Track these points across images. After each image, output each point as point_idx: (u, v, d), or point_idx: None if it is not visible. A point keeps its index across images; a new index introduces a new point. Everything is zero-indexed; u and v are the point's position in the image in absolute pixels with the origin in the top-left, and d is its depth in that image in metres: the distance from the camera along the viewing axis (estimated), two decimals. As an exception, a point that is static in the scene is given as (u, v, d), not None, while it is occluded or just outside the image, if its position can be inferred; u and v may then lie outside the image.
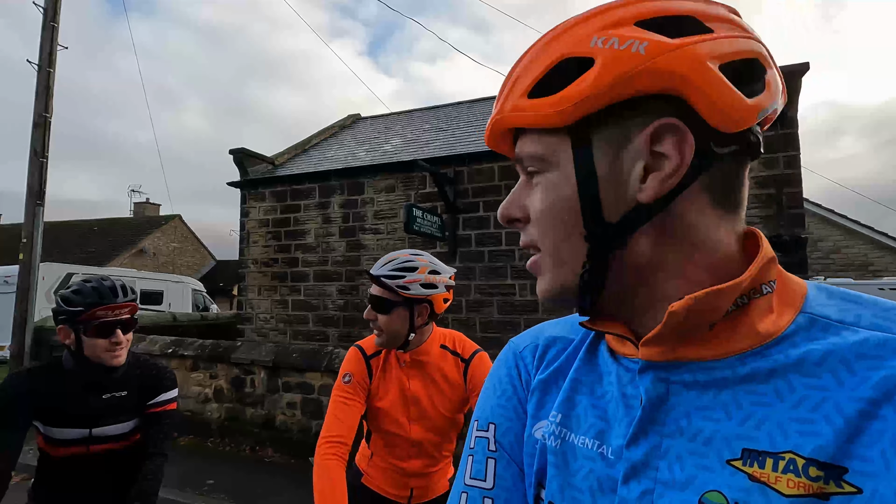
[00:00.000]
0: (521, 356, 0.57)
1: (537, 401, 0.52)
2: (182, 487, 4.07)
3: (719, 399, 0.40)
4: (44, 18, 6.62)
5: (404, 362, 1.58)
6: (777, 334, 0.41)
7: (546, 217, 0.45)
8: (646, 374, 0.43)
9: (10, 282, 8.27)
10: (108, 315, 1.51)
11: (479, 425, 0.55)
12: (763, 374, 0.39)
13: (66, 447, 1.55)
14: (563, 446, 0.48)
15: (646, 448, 0.42)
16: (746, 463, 0.37)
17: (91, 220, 22.39)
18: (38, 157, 6.45)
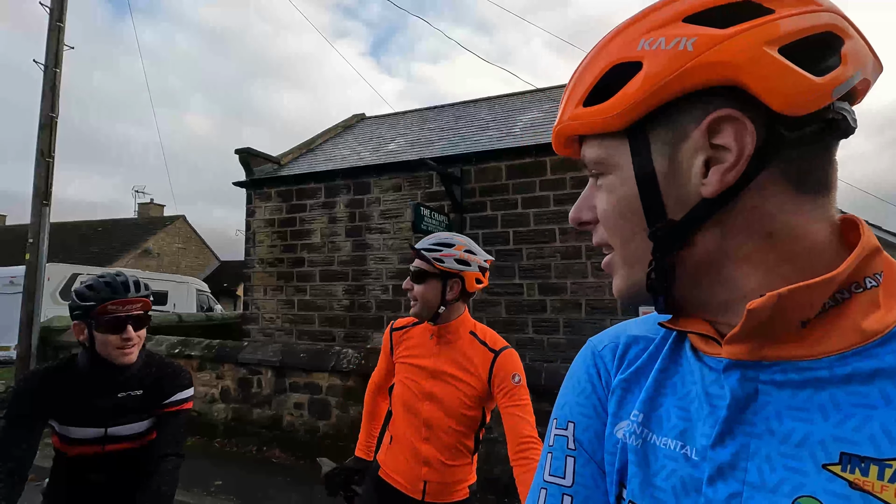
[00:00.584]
0: (600, 355, 0.57)
1: (618, 400, 0.52)
2: (189, 487, 4.05)
3: (815, 400, 0.38)
4: (50, 18, 6.62)
5: (432, 334, 1.66)
6: (885, 332, 0.38)
7: (610, 218, 0.46)
8: (731, 372, 0.41)
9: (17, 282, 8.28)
10: (119, 310, 1.49)
11: (559, 423, 0.55)
12: (866, 374, 0.37)
13: (81, 446, 1.53)
14: (645, 446, 0.47)
15: (733, 449, 0.40)
16: (846, 469, 0.35)
17: (95, 221, 22.48)
18: (44, 158, 6.45)
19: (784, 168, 0.39)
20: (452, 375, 1.60)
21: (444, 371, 1.61)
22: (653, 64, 0.40)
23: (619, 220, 0.45)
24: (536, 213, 6.14)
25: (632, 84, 0.41)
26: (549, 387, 3.76)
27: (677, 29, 0.40)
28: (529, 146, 6.26)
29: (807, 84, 0.37)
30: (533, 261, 6.12)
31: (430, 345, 1.67)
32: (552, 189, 6.10)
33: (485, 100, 9.92)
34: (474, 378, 1.58)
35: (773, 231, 0.40)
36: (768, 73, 0.37)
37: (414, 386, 1.65)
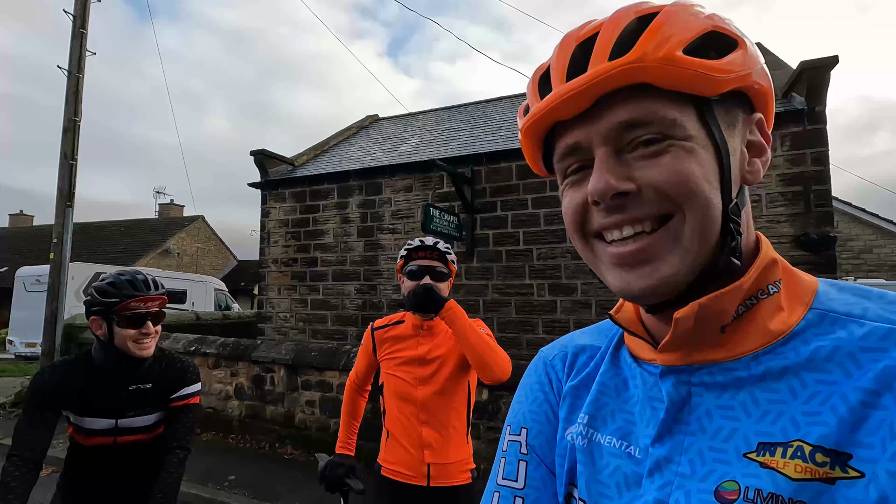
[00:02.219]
0: (551, 364, 0.60)
1: (569, 405, 0.55)
2: (204, 482, 4.16)
3: (738, 398, 0.43)
4: (73, 25, 6.82)
5: (423, 329, 1.80)
6: (788, 331, 0.43)
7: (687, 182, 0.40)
8: (667, 378, 0.46)
9: (42, 281, 8.56)
10: (140, 307, 1.57)
11: (512, 430, 0.59)
12: (777, 371, 0.42)
13: (95, 437, 1.60)
14: (591, 445, 0.51)
15: (670, 445, 0.44)
16: (759, 453, 0.40)
17: (118, 221, 23.03)
18: (67, 160, 6.65)
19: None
20: (440, 358, 1.75)
21: (432, 355, 1.76)
22: (748, 50, 0.43)
23: (703, 182, 0.41)
24: (547, 214, 6.12)
25: (737, 55, 0.42)
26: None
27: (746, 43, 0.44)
28: (540, 146, 6.23)
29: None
30: (543, 261, 6.10)
31: (416, 338, 1.81)
32: (563, 189, 6.06)
33: (498, 100, 9.91)
34: (452, 351, 1.75)
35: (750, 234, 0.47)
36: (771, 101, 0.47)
37: (407, 375, 1.77)
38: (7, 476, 1.39)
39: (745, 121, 0.45)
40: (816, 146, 5.02)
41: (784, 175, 5.11)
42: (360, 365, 1.97)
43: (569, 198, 0.47)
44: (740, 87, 0.43)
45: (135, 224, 22.41)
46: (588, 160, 0.44)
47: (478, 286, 6.45)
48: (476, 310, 6.40)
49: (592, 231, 0.45)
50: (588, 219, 0.45)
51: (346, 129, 10.27)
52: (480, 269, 6.43)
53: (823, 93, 5.01)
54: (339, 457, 1.89)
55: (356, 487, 1.77)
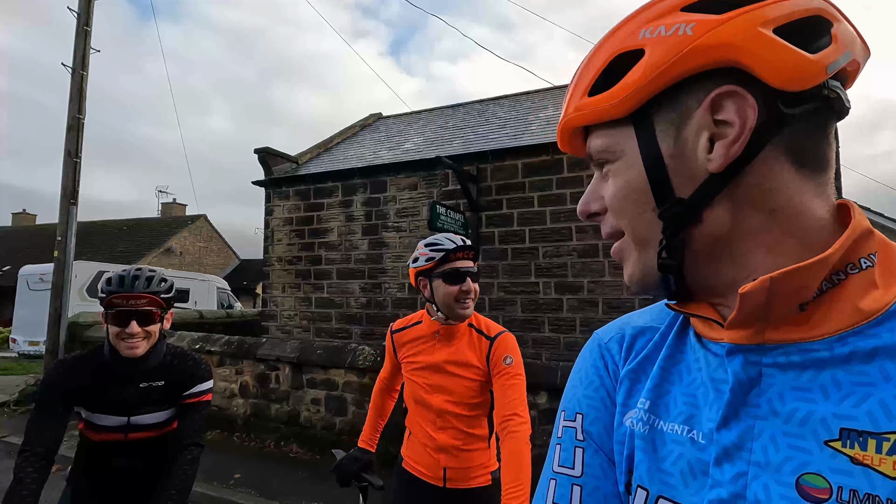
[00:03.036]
0: (606, 347, 0.57)
1: (627, 390, 0.53)
2: (209, 480, 4.14)
3: (817, 380, 0.39)
4: (77, 23, 6.81)
5: (438, 333, 1.72)
6: (883, 310, 0.39)
7: (619, 202, 0.47)
8: (734, 357, 0.42)
9: (47, 279, 8.56)
10: (122, 304, 1.53)
11: (567, 415, 0.56)
12: (866, 353, 0.38)
13: (106, 433, 1.59)
14: (652, 432, 0.48)
15: (738, 431, 0.41)
16: (846, 444, 0.36)
17: (121, 220, 23.08)
18: (71, 159, 6.64)
19: (785, 145, 0.41)
20: (455, 368, 1.67)
21: (447, 365, 1.68)
22: (654, 50, 0.42)
23: (626, 202, 0.46)
24: (553, 212, 6.09)
25: (634, 71, 0.43)
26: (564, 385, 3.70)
27: (676, 17, 0.42)
28: (546, 144, 6.21)
29: (802, 60, 0.38)
30: (549, 259, 6.07)
31: (433, 342, 1.74)
32: (569, 187, 6.04)
33: (502, 98, 9.88)
34: (475, 368, 1.66)
35: (777, 207, 0.41)
36: (765, 52, 0.39)
37: (422, 381, 1.72)
38: (20, 471, 1.39)
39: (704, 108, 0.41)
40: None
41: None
42: (387, 366, 1.95)
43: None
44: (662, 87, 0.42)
45: (137, 223, 22.44)
46: None
47: (483, 284, 6.40)
48: (482, 308, 6.37)
49: None
50: None
51: (350, 128, 10.25)
52: (486, 268, 6.41)
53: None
54: (358, 451, 1.88)
55: (375, 483, 1.77)
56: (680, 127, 0.43)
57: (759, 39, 0.39)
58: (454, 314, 1.67)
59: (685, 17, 0.41)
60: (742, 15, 0.39)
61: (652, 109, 0.43)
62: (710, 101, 0.41)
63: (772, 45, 0.38)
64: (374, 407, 1.98)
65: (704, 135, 0.42)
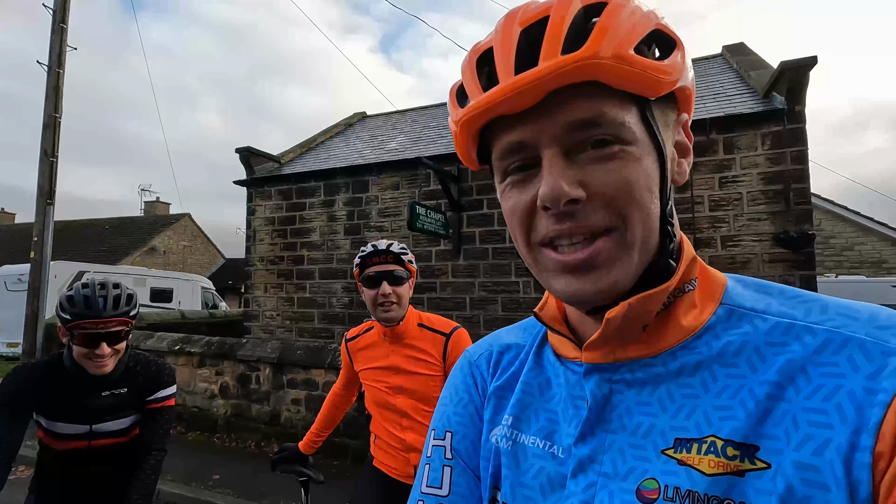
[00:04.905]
0: (475, 364, 0.59)
1: (494, 406, 0.54)
2: (188, 482, 4.13)
3: (655, 394, 0.43)
4: (53, 20, 6.71)
5: (386, 336, 1.73)
6: (700, 327, 0.44)
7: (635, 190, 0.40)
8: (591, 376, 0.46)
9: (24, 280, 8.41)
10: (93, 328, 1.48)
11: (437, 434, 0.57)
12: (691, 366, 0.43)
13: (67, 441, 1.58)
14: (515, 447, 0.50)
15: (592, 444, 0.44)
16: (677, 450, 0.40)
17: (103, 219, 22.70)
18: (48, 157, 6.55)
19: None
20: (413, 366, 1.69)
21: (403, 366, 1.70)
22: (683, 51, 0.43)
23: (643, 192, 0.41)
24: (533, 212, 6.14)
25: (676, 56, 0.42)
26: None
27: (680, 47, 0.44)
28: (527, 144, 6.25)
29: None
30: (530, 259, 6.13)
31: (384, 345, 1.75)
32: (549, 187, 6.09)
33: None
34: (432, 366, 1.68)
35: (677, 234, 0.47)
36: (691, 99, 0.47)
37: (382, 385, 1.72)
38: None
39: (675, 122, 0.46)
40: (796, 145, 5.10)
41: (764, 174, 5.19)
42: (343, 376, 1.96)
43: (513, 200, 0.44)
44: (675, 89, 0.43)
45: (120, 222, 22.10)
46: (532, 159, 0.42)
47: (464, 284, 6.47)
48: (463, 307, 6.42)
49: (539, 239, 0.43)
50: (535, 224, 0.43)
51: (333, 127, 10.21)
52: (467, 267, 6.45)
53: (803, 92, 5.08)
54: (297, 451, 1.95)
55: (317, 478, 1.83)
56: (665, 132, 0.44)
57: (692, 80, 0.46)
58: (377, 318, 1.70)
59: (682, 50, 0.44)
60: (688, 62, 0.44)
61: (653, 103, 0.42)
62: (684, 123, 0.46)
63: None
64: (324, 417, 1.99)
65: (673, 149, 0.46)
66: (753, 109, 5.27)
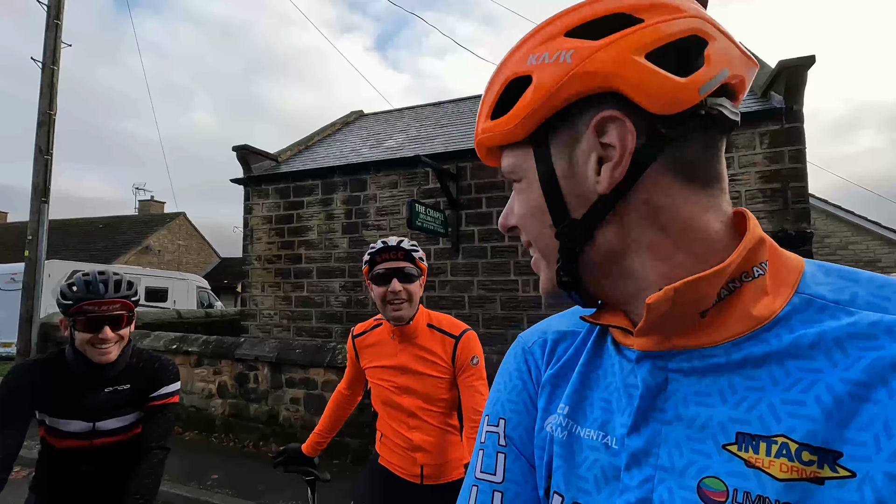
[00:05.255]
0: (530, 351, 0.58)
1: (548, 395, 0.53)
2: (186, 482, 4.10)
3: (715, 385, 0.41)
4: (47, 16, 6.64)
5: (394, 335, 1.69)
6: (772, 317, 0.41)
7: (523, 220, 0.49)
8: (643, 363, 0.44)
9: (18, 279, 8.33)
10: (95, 310, 1.49)
11: (490, 420, 0.56)
12: (757, 358, 0.40)
13: (70, 440, 1.56)
14: (570, 438, 0.49)
15: (646, 436, 0.43)
16: (741, 448, 0.38)
17: (97, 218, 22.55)
18: (42, 155, 6.49)
19: (671, 163, 0.42)
20: (421, 367, 1.66)
21: (411, 366, 1.67)
22: (540, 77, 0.43)
23: (529, 219, 0.49)
24: (532, 210, 6.15)
25: (525, 96, 0.45)
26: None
27: (560, 43, 0.43)
28: (525, 143, 6.26)
29: (672, 84, 0.40)
30: (529, 257, 6.09)
31: (393, 344, 1.71)
32: (548, 186, 6.09)
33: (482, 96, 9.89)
34: (440, 367, 1.65)
35: (667, 223, 0.43)
36: (638, 78, 0.40)
37: (389, 384, 1.70)
38: None
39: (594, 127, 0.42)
40: (794, 144, 5.12)
41: (763, 172, 5.21)
42: (347, 374, 1.91)
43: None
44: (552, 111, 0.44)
45: (115, 221, 21.95)
46: None
47: (463, 282, 6.46)
48: (462, 306, 6.41)
49: None
50: None
51: (331, 125, 10.18)
52: (466, 265, 6.45)
53: (801, 92, 5.11)
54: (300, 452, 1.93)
55: (323, 477, 1.82)
56: (572, 149, 0.44)
57: (632, 66, 0.40)
58: (387, 316, 1.66)
59: (567, 44, 0.42)
60: (617, 41, 0.40)
61: (549, 132, 0.45)
62: (595, 126, 0.42)
63: (643, 72, 0.40)
64: (328, 418, 1.94)
65: (593, 157, 0.43)
66: (751, 108, 5.29)
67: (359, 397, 1.97)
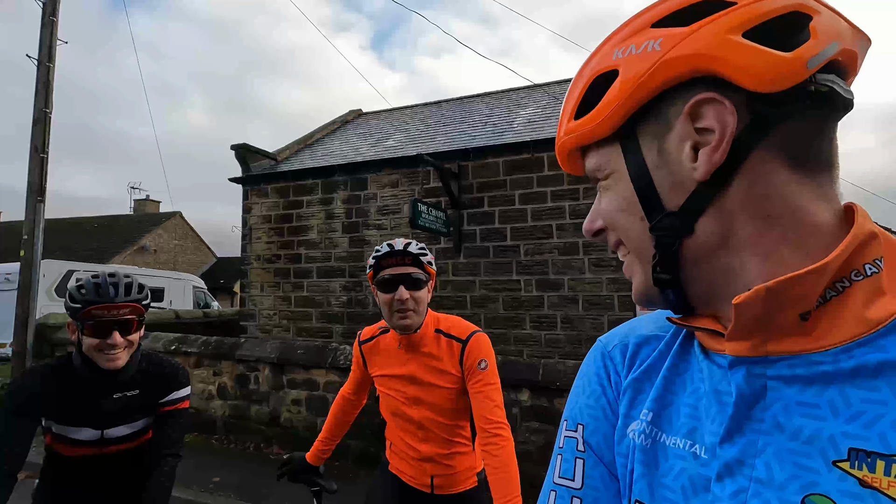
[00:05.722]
0: (609, 356, 0.56)
1: (630, 400, 0.51)
2: (188, 485, 4.04)
3: (824, 396, 0.37)
4: (43, 13, 6.55)
5: (401, 344, 1.61)
6: (891, 319, 0.37)
7: (612, 217, 0.48)
8: (737, 369, 0.40)
9: (12, 279, 8.24)
10: (104, 315, 1.43)
11: (569, 425, 0.55)
12: (874, 366, 0.36)
13: (79, 447, 1.51)
14: (654, 446, 0.46)
15: (741, 445, 0.39)
16: (854, 465, 0.34)
17: (93, 217, 22.39)
18: (38, 154, 6.40)
19: (777, 146, 0.39)
20: (431, 378, 1.58)
21: (420, 376, 1.59)
22: (626, 69, 0.42)
23: (620, 216, 0.47)
24: (534, 209, 6.12)
25: (611, 91, 0.44)
26: (545, 382, 3.75)
27: (646, 35, 0.42)
28: (527, 142, 6.24)
29: (775, 60, 0.37)
30: (531, 257, 6.11)
31: (400, 353, 1.63)
32: (550, 185, 6.08)
33: (484, 95, 9.88)
34: (450, 376, 1.57)
35: (773, 213, 0.39)
36: (735, 56, 0.38)
37: (398, 395, 1.63)
38: None
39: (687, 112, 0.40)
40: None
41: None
42: (353, 379, 1.82)
43: None
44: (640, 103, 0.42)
45: (110, 220, 21.79)
46: None
47: (465, 282, 6.43)
48: (464, 305, 6.38)
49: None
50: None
51: (330, 124, 10.13)
52: (468, 265, 6.41)
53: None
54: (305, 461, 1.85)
55: (329, 488, 1.77)
56: (663, 138, 0.42)
57: (727, 45, 0.38)
58: (393, 325, 1.56)
59: (654, 34, 0.41)
60: (708, 24, 0.39)
61: (637, 125, 0.44)
62: (689, 110, 0.40)
63: (740, 49, 0.38)
64: (332, 424, 1.85)
65: (687, 144, 0.41)
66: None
67: (364, 401, 1.89)
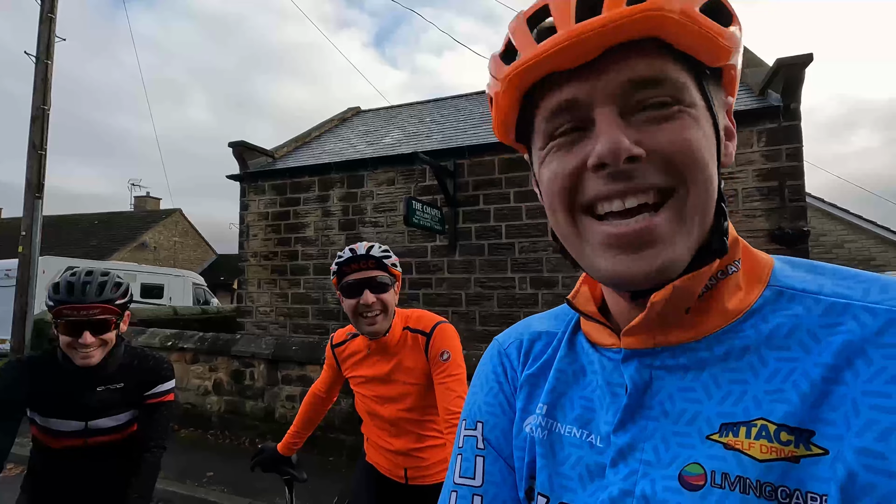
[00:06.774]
0: (505, 353, 0.58)
1: (526, 395, 0.53)
2: (182, 479, 4.08)
3: (700, 380, 0.41)
4: (41, 10, 6.57)
5: (370, 348, 1.63)
6: (746, 309, 0.42)
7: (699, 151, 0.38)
8: (630, 362, 0.44)
9: (11, 275, 8.27)
10: (73, 314, 1.44)
11: (468, 424, 0.56)
12: (738, 350, 0.41)
13: (64, 439, 1.54)
14: (551, 437, 0.48)
15: (633, 432, 0.43)
16: (722, 435, 0.38)
17: (93, 214, 22.40)
18: (36, 150, 6.43)
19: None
20: (401, 376, 1.60)
21: (391, 377, 1.61)
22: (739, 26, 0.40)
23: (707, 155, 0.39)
24: (529, 207, 6.14)
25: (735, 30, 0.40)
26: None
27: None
28: (523, 140, 6.24)
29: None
30: (525, 255, 6.13)
31: (371, 356, 1.66)
32: (545, 183, 6.08)
33: (480, 93, 9.87)
34: (418, 373, 1.58)
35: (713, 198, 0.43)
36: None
37: (371, 394, 1.67)
38: None
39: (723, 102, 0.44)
40: (791, 142, 5.13)
41: (760, 170, 5.22)
42: (325, 377, 1.85)
43: (557, 162, 0.41)
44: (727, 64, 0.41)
45: (110, 217, 21.81)
46: (582, 121, 0.40)
47: (460, 280, 6.45)
48: (458, 303, 6.40)
49: (583, 202, 0.40)
50: (581, 188, 0.40)
51: (328, 122, 10.13)
52: (463, 263, 6.44)
53: (798, 90, 5.11)
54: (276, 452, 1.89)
55: (300, 477, 1.82)
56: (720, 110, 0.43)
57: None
58: (361, 330, 1.56)
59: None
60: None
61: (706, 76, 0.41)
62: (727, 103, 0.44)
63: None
64: (302, 419, 1.89)
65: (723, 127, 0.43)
66: (749, 106, 5.29)
67: (335, 398, 1.94)
